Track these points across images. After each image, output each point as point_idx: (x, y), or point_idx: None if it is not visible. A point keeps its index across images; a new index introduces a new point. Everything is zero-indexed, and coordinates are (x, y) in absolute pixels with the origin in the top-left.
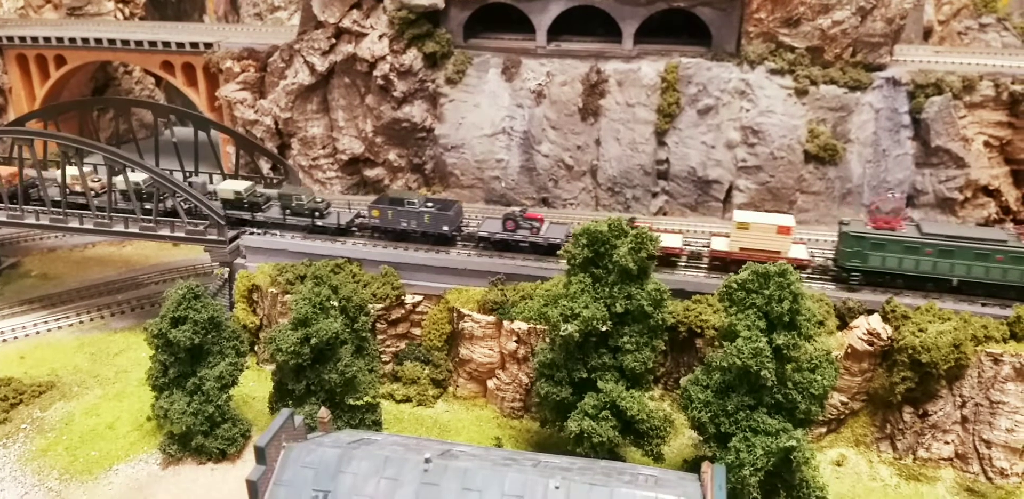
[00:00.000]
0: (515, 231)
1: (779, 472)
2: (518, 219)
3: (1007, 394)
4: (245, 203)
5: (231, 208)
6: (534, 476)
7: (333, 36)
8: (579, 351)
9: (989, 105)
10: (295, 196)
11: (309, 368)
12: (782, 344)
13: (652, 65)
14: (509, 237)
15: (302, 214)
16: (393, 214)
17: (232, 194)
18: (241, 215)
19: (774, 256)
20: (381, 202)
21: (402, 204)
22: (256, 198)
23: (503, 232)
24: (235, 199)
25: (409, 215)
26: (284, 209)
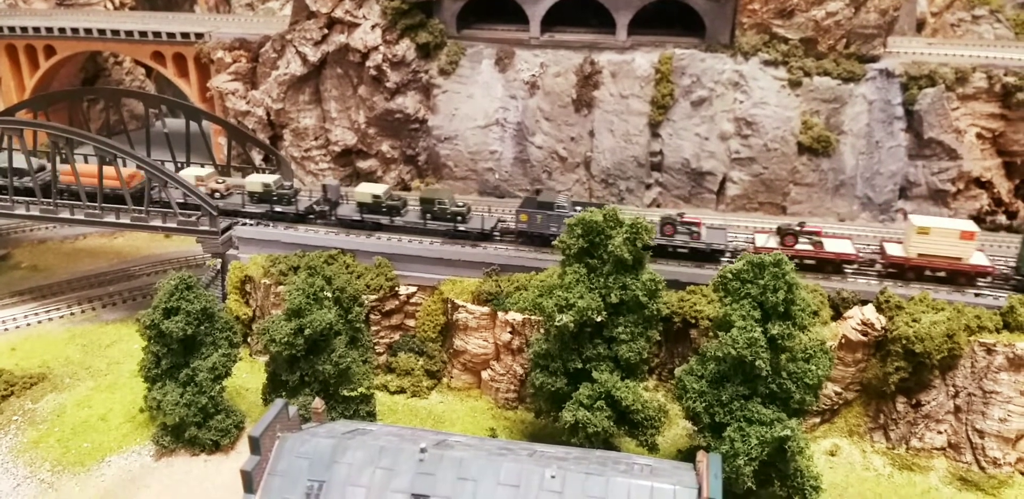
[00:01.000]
0: (673, 236)
1: (773, 462)
2: (676, 224)
3: (1000, 384)
4: (384, 207)
5: (368, 212)
6: (530, 465)
7: (325, 26)
8: (574, 341)
9: (982, 97)
10: (437, 200)
11: (303, 359)
12: (777, 334)
13: (646, 56)
14: (668, 242)
15: (443, 218)
16: (543, 218)
17: (370, 197)
18: (379, 220)
19: (955, 263)
20: (528, 206)
21: (551, 208)
22: (395, 202)
23: (661, 237)
24: (373, 202)
25: (560, 220)
26: (425, 214)
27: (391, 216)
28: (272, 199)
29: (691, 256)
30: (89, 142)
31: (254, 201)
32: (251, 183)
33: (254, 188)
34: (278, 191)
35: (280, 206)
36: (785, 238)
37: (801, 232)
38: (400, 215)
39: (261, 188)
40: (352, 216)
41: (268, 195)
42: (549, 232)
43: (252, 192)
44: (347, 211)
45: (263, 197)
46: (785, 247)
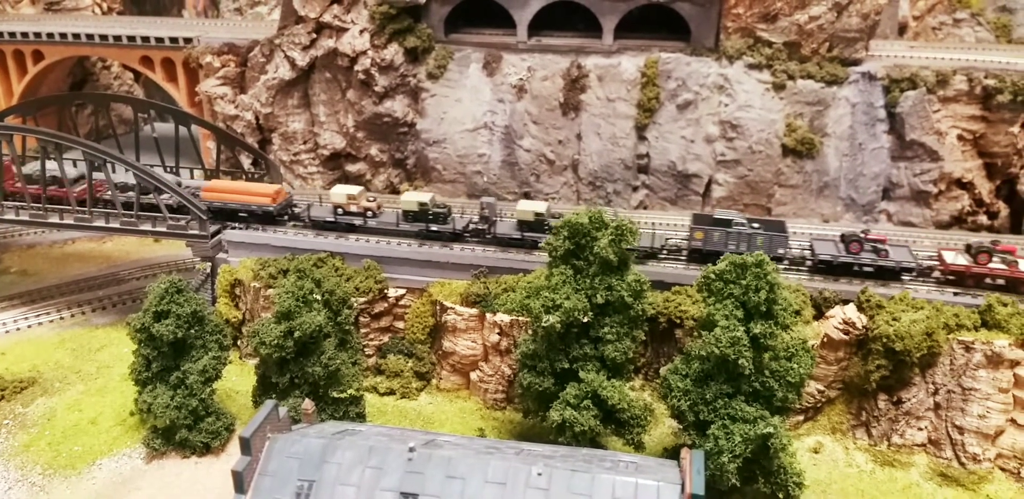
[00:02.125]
0: (859, 254)
1: (757, 459)
2: (862, 241)
3: (978, 381)
4: (546, 225)
5: (528, 230)
6: (517, 463)
7: (314, 31)
8: (561, 342)
9: (962, 99)
10: None
11: (292, 361)
12: (759, 333)
13: (632, 60)
14: (855, 260)
15: None
16: (720, 236)
17: (532, 215)
18: (539, 239)
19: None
20: (703, 222)
21: (729, 225)
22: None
23: (846, 255)
24: (535, 221)
25: (739, 237)
26: None
27: None
28: (427, 218)
29: (875, 275)
30: (78, 147)
31: (408, 220)
32: (405, 201)
33: (409, 207)
34: (434, 210)
35: (436, 225)
36: (978, 256)
37: (995, 250)
38: None
39: (416, 207)
40: (512, 234)
41: (423, 214)
42: (727, 249)
43: (407, 211)
44: (507, 229)
45: (417, 216)
46: (978, 265)
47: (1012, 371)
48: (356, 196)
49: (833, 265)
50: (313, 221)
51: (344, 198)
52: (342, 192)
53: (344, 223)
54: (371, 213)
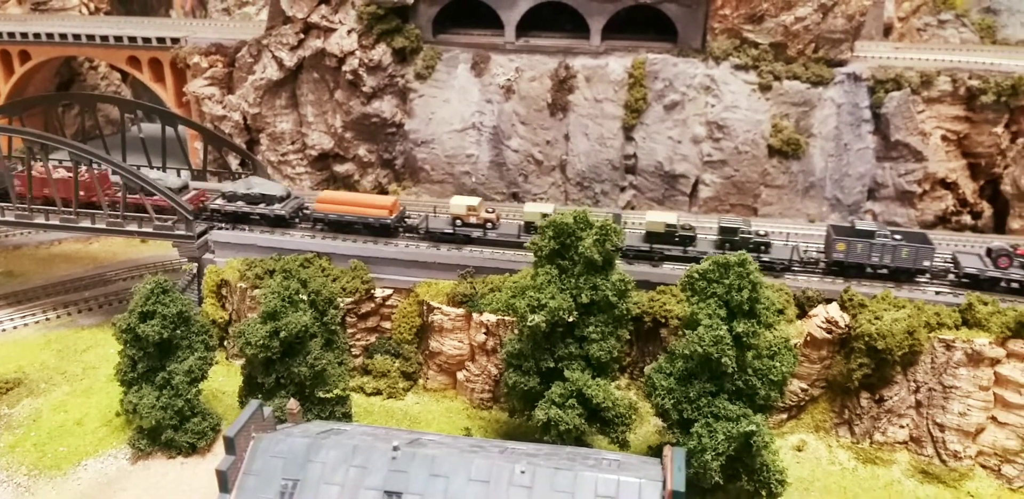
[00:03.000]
0: (1008, 269)
1: (740, 457)
2: (1012, 256)
3: (959, 379)
4: (676, 237)
5: (657, 242)
6: (500, 461)
7: (301, 31)
8: (546, 341)
9: (946, 100)
10: (740, 229)
11: (278, 361)
12: (742, 332)
13: (619, 61)
14: (1003, 276)
15: (746, 248)
16: (863, 247)
17: (663, 227)
18: (669, 250)
19: None
20: (844, 234)
21: (872, 236)
22: (688, 232)
23: (993, 269)
24: (665, 232)
25: (883, 249)
26: (724, 243)
27: (684, 246)
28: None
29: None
30: (64, 147)
31: (530, 231)
32: (528, 213)
33: (531, 218)
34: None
35: None
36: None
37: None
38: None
39: (663, 228)
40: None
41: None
42: (870, 262)
43: (528, 222)
44: (633, 241)
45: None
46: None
47: (992, 369)
48: (476, 207)
49: (979, 280)
50: (430, 233)
51: (464, 210)
52: (462, 203)
53: (463, 235)
54: (490, 225)
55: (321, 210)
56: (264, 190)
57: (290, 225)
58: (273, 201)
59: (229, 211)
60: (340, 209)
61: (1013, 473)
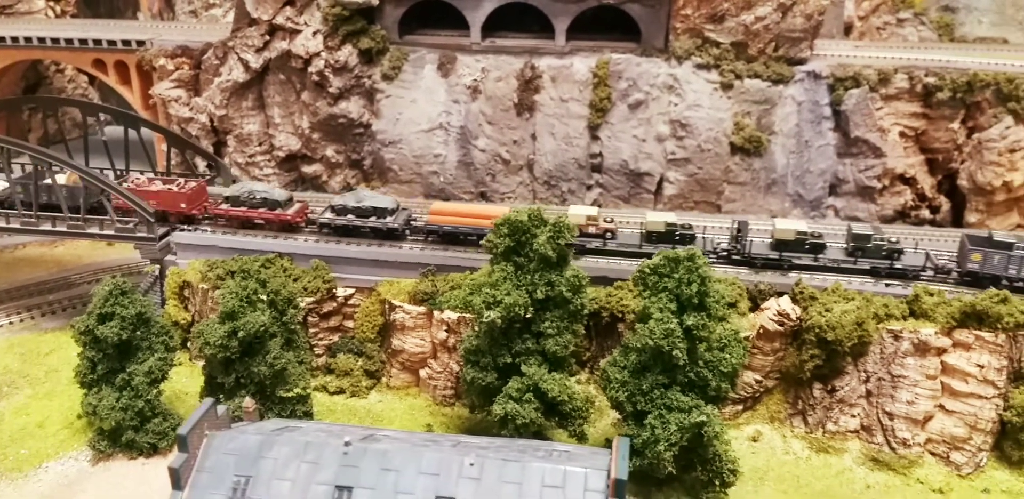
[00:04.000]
0: None
1: (694, 447)
2: None
3: (907, 368)
4: (807, 245)
5: (786, 250)
6: (450, 455)
7: (267, 33)
8: (503, 337)
9: (904, 97)
10: (873, 236)
11: (238, 361)
12: (692, 325)
13: (584, 61)
14: None
15: (877, 256)
16: (1000, 259)
17: (792, 234)
18: (799, 259)
19: None
20: (980, 244)
21: (1011, 248)
22: (818, 240)
23: None
24: (795, 240)
25: (1021, 262)
26: (856, 250)
27: (815, 254)
28: (673, 238)
29: None
30: (25, 152)
31: (652, 241)
32: (652, 222)
33: (655, 227)
34: (681, 230)
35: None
36: None
37: None
38: (823, 253)
39: (663, 227)
40: (767, 255)
41: (669, 234)
42: (1007, 274)
43: (652, 231)
44: (761, 249)
45: (663, 236)
46: None
47: (939, 358)
48: (595, 217)
49: None
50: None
51: (583, 219)
52: (580, 213)
53: (581, 245)
54: (610, 234)
55: (435, 222)
56: (375, 203)
57: (400, 238)
58: (384, 214)
59: (340, 225)
60: (455, 221)
61: (961, 460)
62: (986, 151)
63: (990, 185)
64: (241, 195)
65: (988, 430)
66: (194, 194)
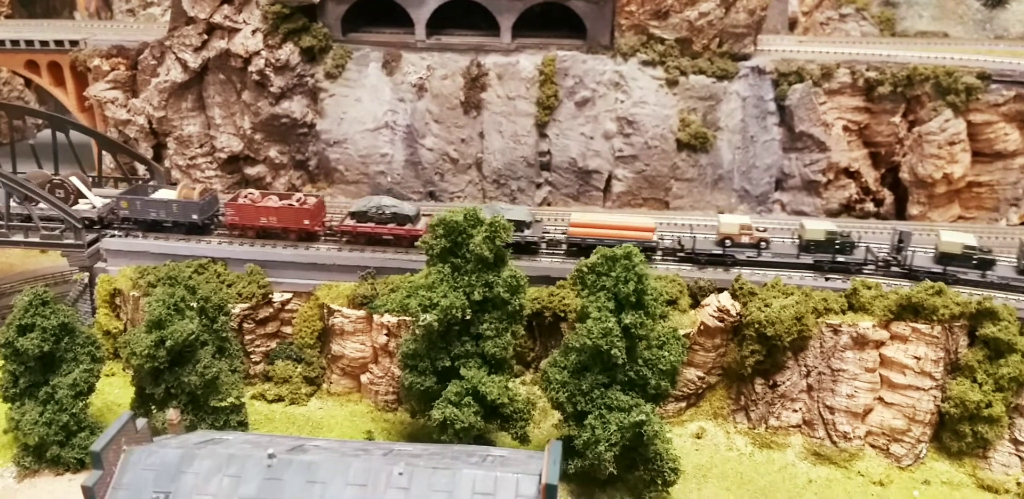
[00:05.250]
0: None
1: (635, 447)
2: None
3: (846, 362)
4: (975, 260)
5: (951, 264)
6: (379, 464)
7: (205, 32)
8: (442, 340)
9: (847, 91)
10: None
11: (167, 371)
12: (630, 323)
13: (530, 58)
14: None
15: None
16: None
17: (959, 248)
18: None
19: None
20: None
21: None
22: (987, 255)
23: None
24: (961, 254)
25: None
26: None
27: (983, 270)
28: (833, 248)
29: None
30: None
31: (810, 250)
32: (811, 230)
33: (814, 236)
34: (841, 239)
35: (843, 256)
36: None
37: None
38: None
39: (823, 236)
40: (931, 268)
41: (829, 244)
42: None
43: (811, 240)
44: (925, 262)
45: (822, 246)
46: None
47: (877, 351)
48: (748, 226)
49: None
50: (696, 254)
51: (736, 228)
52: (733, 222)
53: (732, 256)
54: (764, 244)
55: (576, 234)
56: (512, 215)
57: (536, 252)
58: (522, 226)
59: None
60: (598, 233)
61: (901, 452)
62: (926, 144)
63: (931, 177)
64: (369, 210)
65: (926, 422)
66: (316, 210)
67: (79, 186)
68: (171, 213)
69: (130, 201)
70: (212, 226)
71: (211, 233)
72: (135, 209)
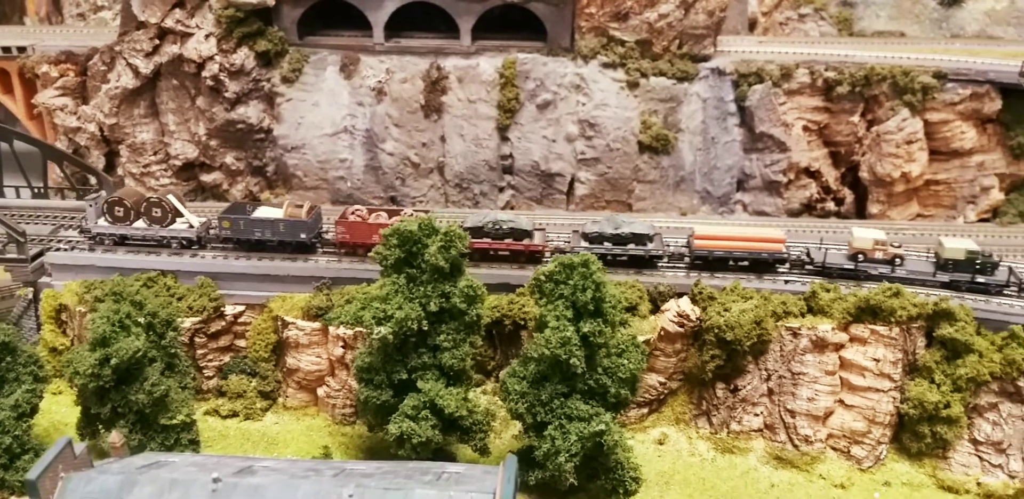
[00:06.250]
0: None
1: (596, 457)
2: None
3: (806, 365)
4: None
5: None
6: (329, 486)
7: (156, 37)
8: (398, 353)
9: (806, 91)
10: None
11: (113, 390)
12: (589, 332)
13: (490, 61)
14: None
15: None
16: None
17: None
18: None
19: None
20: None
21: None
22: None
23: None
24: None
25: None
26: None
27: None
28: (974, 268)
29: None
30: None
31: (947, 269)
32: (950, 249)
33: (953, 255)
34: (983, 259)
35: (983, 276)
36: None
37: None
38: None
39: (963, 255)
40: None
41: (969, 263)
42: None
43: (949, 259)
44: None
45: (960, 265)
46: None
47: (837, 354)
48: (883, 242)
49: None
50: (826, 268)
51: (870, 243)
52: (867, 237)
53: (865, 271)
54: (899, 260)
55: (702, 247)
56: (633, 229)
57: (655, 266)
58: (643, 240)
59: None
60: (726, 245)
61: (862, 454)
62: (884, 143)
63: (889, 176)
64: (484, 225)
65: (886, 423)
66: None
67: (176, 205)
68: (277, 232)
69: (232, 221)
70: (318, 245)
71: (316, 252)
72: (238, 229)
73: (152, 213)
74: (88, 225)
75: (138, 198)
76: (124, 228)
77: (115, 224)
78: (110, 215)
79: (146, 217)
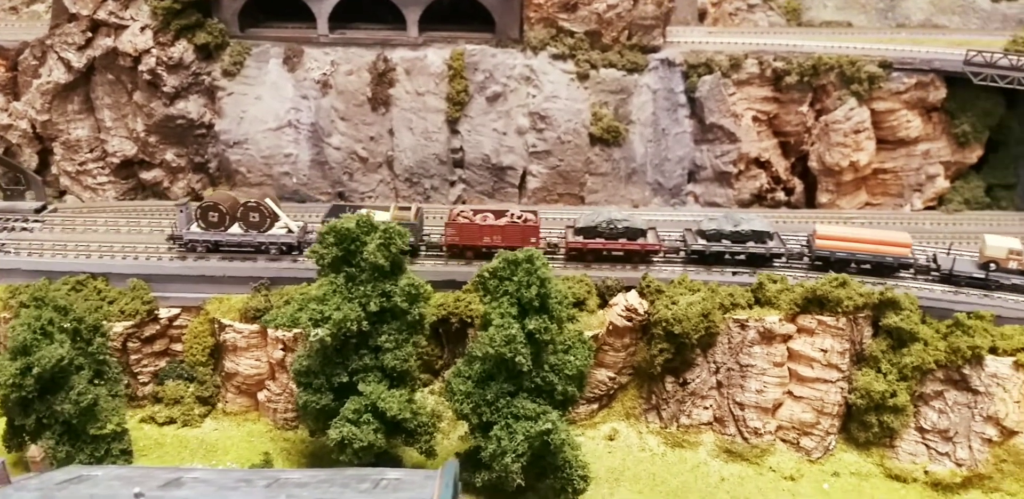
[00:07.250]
0: None
1: (544, 456)
2: None
3: (754, 357)
4: None
5: None
6: (260, 497)
7: (89, 29)
8: (338, 355)
9: (755, 82)
10: None
11: (37, 400)
12: (534, 328)
13: (438, 53)
14: None
15: None
16: None
17: None
18: None
19: None
20: None
21: None
22: None
23: None
24: None
25: None
26: None
27: None
28: None
29: None
30: None
31: None
32: None
33: None
34: None
35: None
36: None
37: None
38: None
39: None
40: None
41: None
42: None
43: None
44: None
45: None
46: None
47: (785, 345)
48: (1019, 251)
49: None
50: (954, 276)
51: (1003, 252)
52: (1001, 245)
53: (997, 281)
54: None
55: (825, 248)
56: (753, 226)
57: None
58: (764, 238)
59: (716, 252)
60: (851, 247)
61: (811, 445)
62: (832, 133)
63: (838, 166)
64: (599, 225)
65: (835, 413)
66: (537, 226)
67: (274, 209)
68: None
69: None
70: (422, 247)
71: (419, 256)
72: None
73: (249, 218)
74: (179, 232)
75: (233, 202)
76: (218, 234)
77: (208, 230)
78: (203, 221)
79: (242, 222)
